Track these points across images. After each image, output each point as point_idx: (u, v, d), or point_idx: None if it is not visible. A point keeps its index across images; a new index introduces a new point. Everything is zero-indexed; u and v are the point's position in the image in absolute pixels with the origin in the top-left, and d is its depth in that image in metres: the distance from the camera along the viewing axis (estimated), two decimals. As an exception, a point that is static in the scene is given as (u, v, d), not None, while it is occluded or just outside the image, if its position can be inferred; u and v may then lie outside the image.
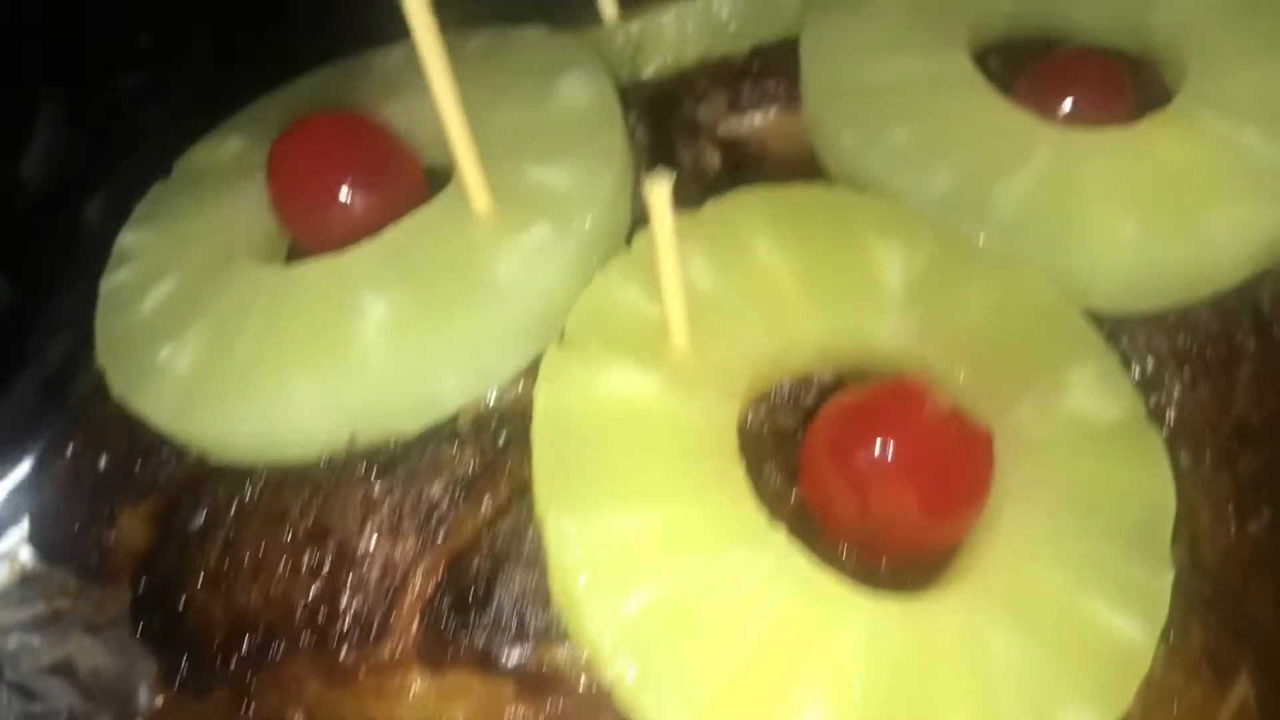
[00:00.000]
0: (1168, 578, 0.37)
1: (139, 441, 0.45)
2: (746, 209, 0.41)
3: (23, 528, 0.59)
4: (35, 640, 0.60)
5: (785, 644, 0.33)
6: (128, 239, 0.47)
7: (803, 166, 0.47)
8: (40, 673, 0.59)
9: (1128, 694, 0.36)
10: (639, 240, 0.40)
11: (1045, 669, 0.35)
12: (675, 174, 0.34)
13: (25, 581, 0.60)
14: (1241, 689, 0.41)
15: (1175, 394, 0.43)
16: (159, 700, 0.60)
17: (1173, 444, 0.42)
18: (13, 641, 0.59)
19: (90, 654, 0.61)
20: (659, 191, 0.33)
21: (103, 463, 0.46)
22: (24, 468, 0.63)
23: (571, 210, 0.40)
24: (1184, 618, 0.40)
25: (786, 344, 0.39)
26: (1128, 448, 0.39)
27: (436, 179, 0.44)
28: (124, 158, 1.00)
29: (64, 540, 0.47)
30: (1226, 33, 0.45)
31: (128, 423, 0.45)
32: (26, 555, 0.60)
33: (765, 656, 0.33)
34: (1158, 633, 0.37)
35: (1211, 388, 0.43)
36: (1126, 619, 0.36)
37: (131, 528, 0.45)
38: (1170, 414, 0.43)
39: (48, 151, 1.02)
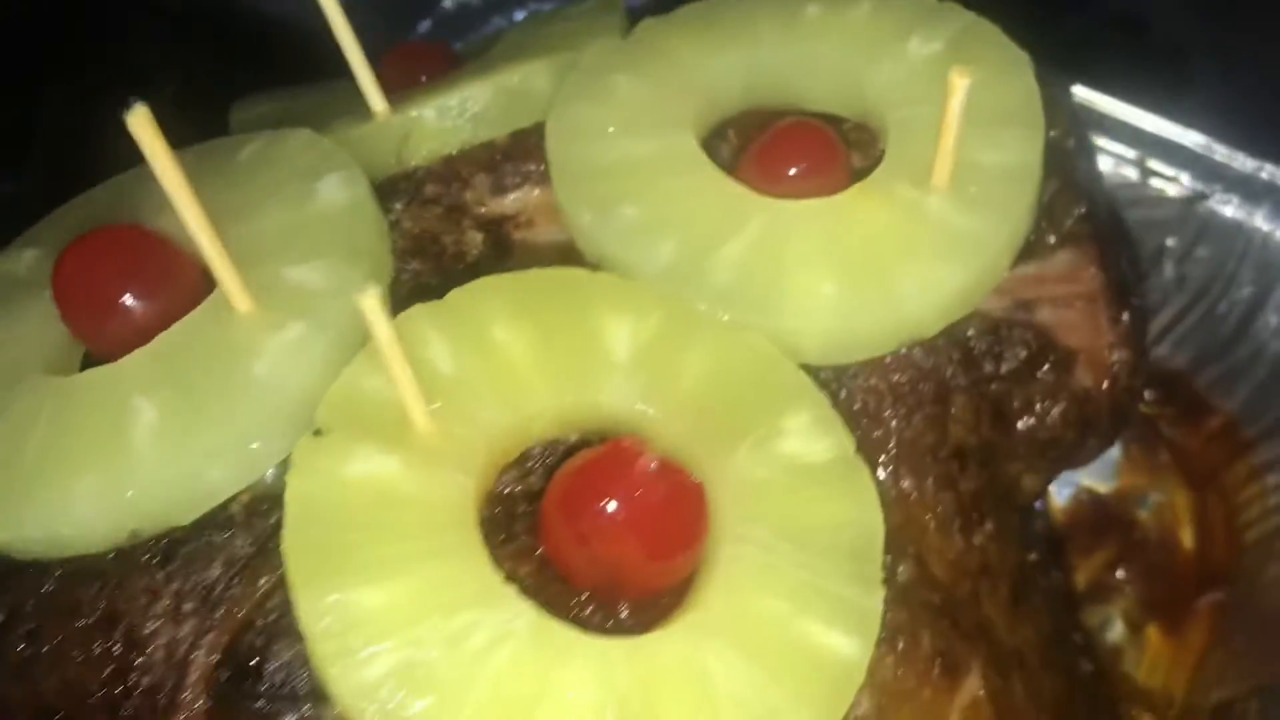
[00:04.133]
0: (879, 595, 0.42)
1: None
2: (486, 295, 0.45)
3: None
4: None
5: (519, 688, 0.37)
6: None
7: (562, 245, 0.52)
8: None
9: (844, 705, 0.40)
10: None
11: (765, 689, 0.39)
12: (386, 287, 0.38)
13: None
14: (972, 685, 0.46)
15: (894, 426, 0.48)
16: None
17: (897, 472, 0.47)
18: None
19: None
20: (369, 302, 0.37)
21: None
22: None
23: (326, 307, 0.44)
24: (913, 627, 0.45)
25: (524, 417, 0.43)
26: (839, 483, 0.44)
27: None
28: None
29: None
30: (918, 107, 0.50)
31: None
32: None
33: (501, 702, 0.37)
34: (871, 646, 0.41)
35: (927, 418, 0.48)
36: (841, 636, 0.41)
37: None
38: (891, 445, 0.47)
39: None
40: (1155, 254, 0.73)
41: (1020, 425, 0.50)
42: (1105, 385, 0.51)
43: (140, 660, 0.41)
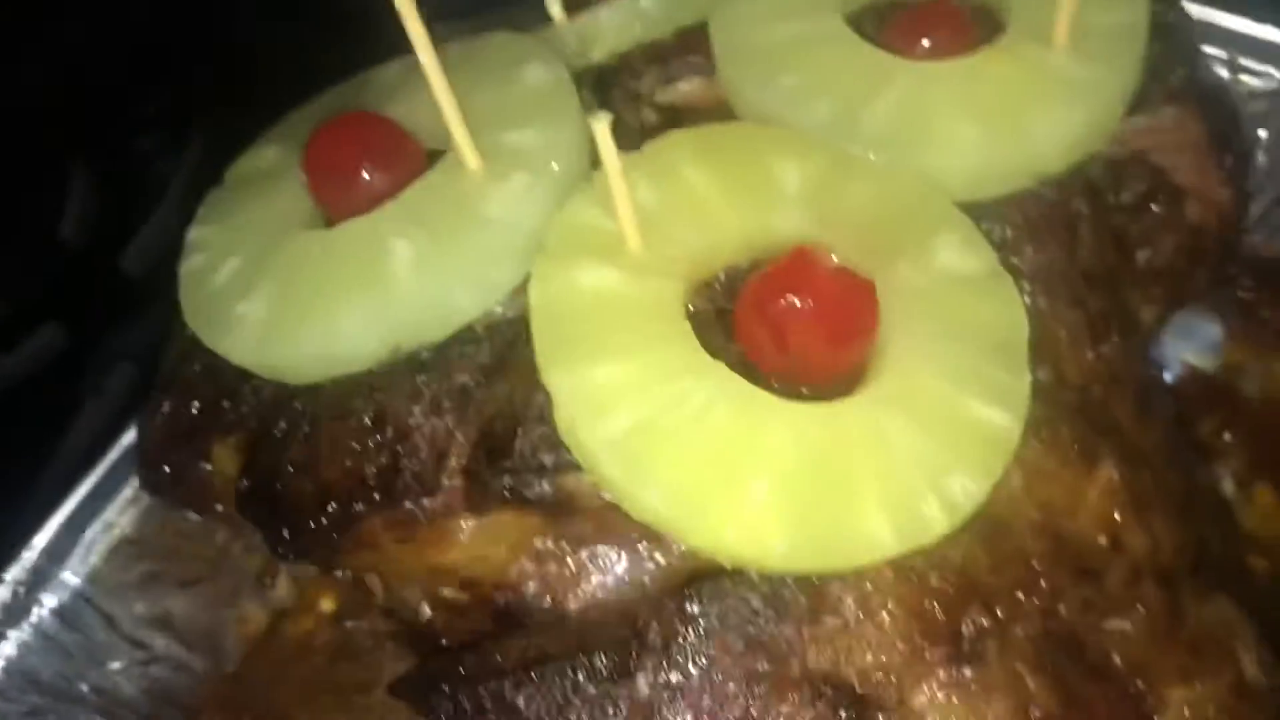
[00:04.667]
0: (1026, 380, 0.49)
1: (222, 388, 0.57)
2: (676, 145, 0.53)
3: (118, 503, 0.70)
4: (139, 598, 0.71)
5: (733, 440, 0.45)
6: (195, 234, 0.59)
7: (723, 119, 0.60)
8: (145, 625, 0.71)
9: (998, 468, 0.47)
10: (594, 177, 0.52)
11: (933, 451, 0.47)
12: (614, 117, 0.46)
13: (125, 546, 0.71)
14: (1106, 471, 0.52)
15: (1029, 251, 0.54)
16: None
17: (1033, 292, 0.54)
18: (121, 601, 0.70)
19: (184, 608, 0.73)
20: (601, 125, 0.45)
21: (194, 410, 0.58)
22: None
23: (542, 160, 0.53)
24: (1054, 421, 0.52)
25: (714, 240, 0.51)
26: (987, 290, 0.51)
27: (435, 159, 0.56)
28: (151, 210, 1.14)
29: (169, 480, 0.59)
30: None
31: (212, 375, 0.57)
32: (126, 522, 0.71)
33: (719, 451, 0.45)
34: (1021, 421, 0.48)
35: (1058, 244, 0.55)
36: (996, 410, 0.48)
37: (222, 458, 0.57)
38: (1027, 268, 0.54)
39: (81, 213, 1.16)
40: (1249, 147, 0.78)
41: (1139, 254, 0.57)
42: (1213, 220, 0.58)
43: (406, 447, 0.50)
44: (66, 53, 1.27)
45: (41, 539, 0.68)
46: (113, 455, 0.70)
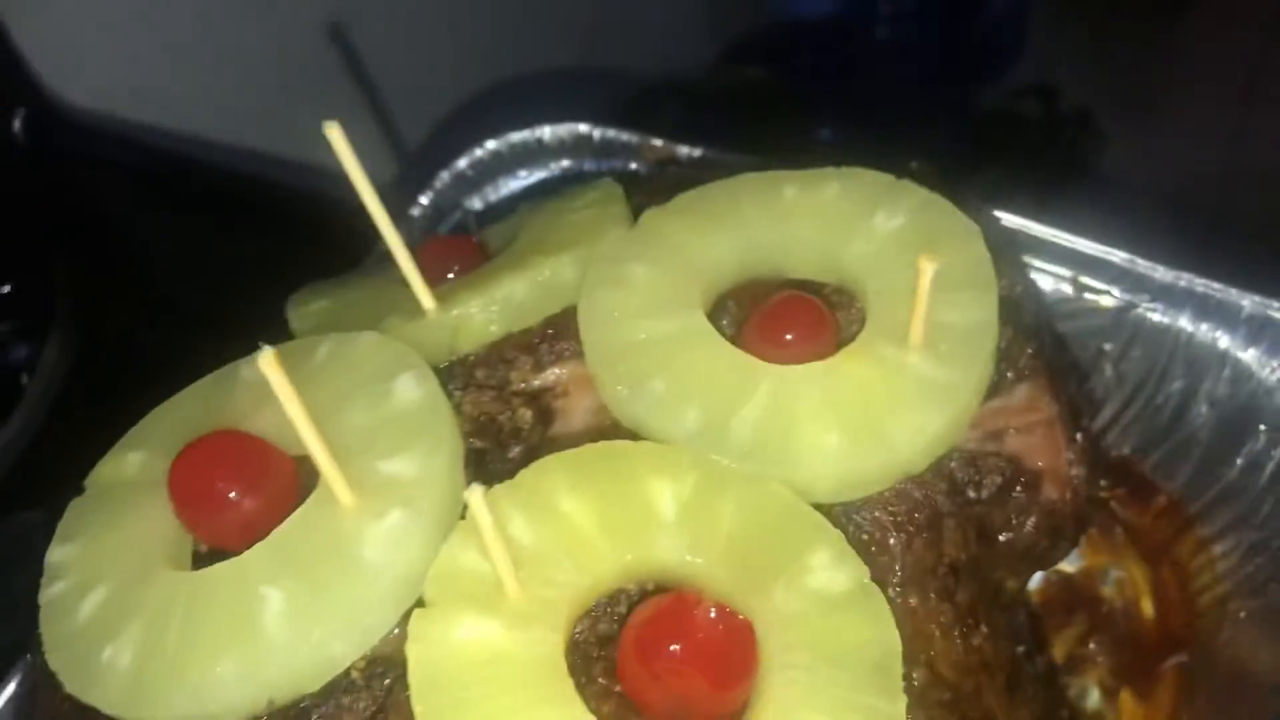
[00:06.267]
0: (901, 704, 0.50)
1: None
2: (550, 472, 0.53)
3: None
4: None
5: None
6: (57, 554, 0.57)
7: (595, 408, 0.61)
8: None
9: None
10: (470, 515, 0.52)
11: None
12: (487, 484, 0.46)
13: None
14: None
15: (896, 551, 0.56)
16: None
17: (903, 591, 0.55)
18: None
19: None
20: (475, 498, 0.46)
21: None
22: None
23: (417, 494, 0.52)
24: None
25: (594, 575, 0.51)
26: (859, 608, 0.52)
27: (307, 465, 0.56)
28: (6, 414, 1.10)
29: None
30: (889, 276, 0.60)
31: (80, 712, 0.55)
32: None
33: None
34: (898, 743, 0.50)
35: (924, 542, 0.57)
36: (878, 738, 0.49)
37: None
38: (897, 568, 0.56)
39: None
40: (1095, 357, 0.82)
41: (1001, 539, 0.59)
42: (1068, 496, 0.60)
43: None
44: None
45: None
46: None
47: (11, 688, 0.66)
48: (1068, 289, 0.82)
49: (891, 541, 0.56)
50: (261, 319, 0.68)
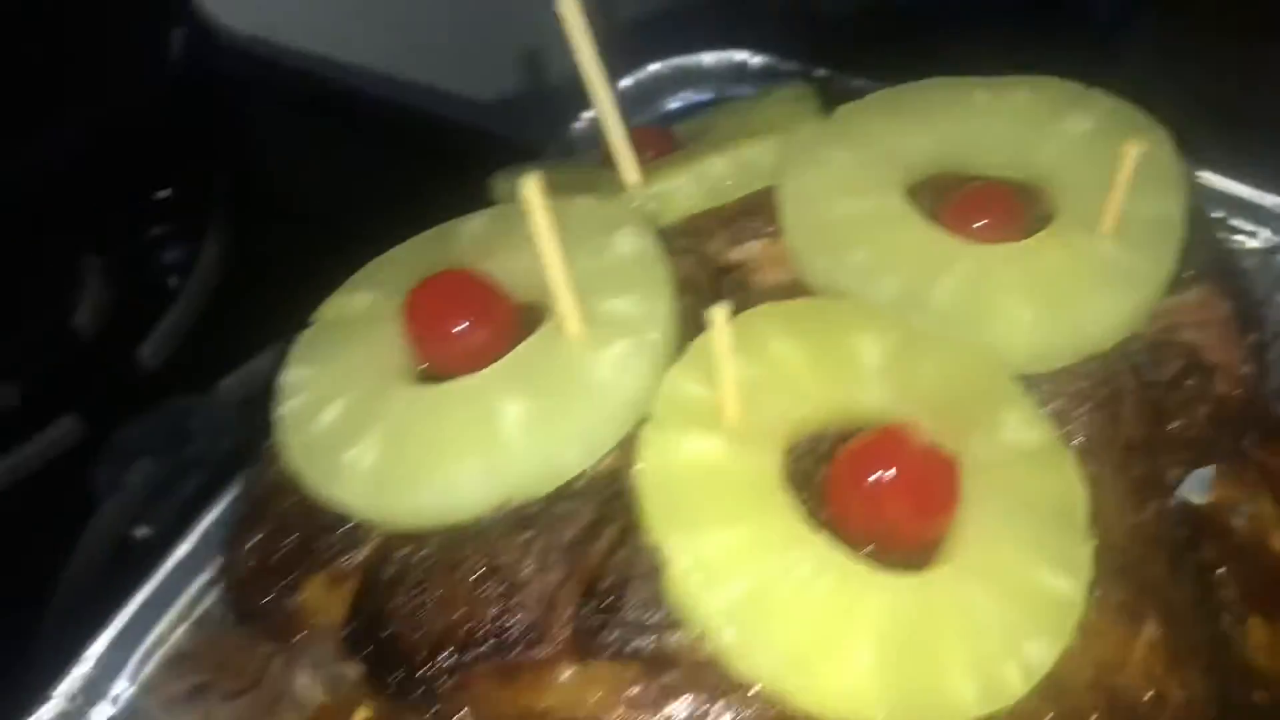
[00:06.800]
0: (1088, 548, 0.54)
1: (317, 526, 0.60)
2: (763, 319, 0.57)
3: (170, 617, 0.72)
4: (187, 710, 0.73)
5: (836, 610, 0.49)
6: (290, 376, 0.62)
7: (787, 285, 0.64)
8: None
9: (1068, 632, 0.52)
10: (692, 347, 0.56)
11: (1012, 618, 0.51)
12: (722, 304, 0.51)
13: (176, 659, 0.72)
14: (1149, 630, 0.57)
15: (1080, 424, 0.60)
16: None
17: (1083, 460, 0.59)
18: (171, 712, 0.72)
19: (229, 718, 0.74)
20: (718, 316, 0.50)
21: (287, 544, 0.61)
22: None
23: (641, 329, 0.57)
24: (1103, 582, 0.56)
25: (804, 412, 0.55)
26: (1049, 463, 0.56)
27: (527, 313, 0.60)
28: (166, 306, 1.18)
29: (258, 610, 0.62)
30: (1081, 173, 0.63)
31: (306, 512, 0.60)
32: (177, 636, 0.72)
33: (824, 619, 0.49)
34: (1084, 588, 0.53)
35: (1105, 416, 0.60)
36: (1063, 579, 0.52)
37: (314, 594, 0.60)
38: (1078, 439, 0.59)
39: (95, 304, 1.19)
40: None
41: (1172, 426, 0.62)
42: (1238, 392, 0.63)
43: (515, 600, 0.53)
44: (80, 142, 1.30)
45: (95, 650, 0.70)
46: (167, 566, 0.72)
47: (214, 514, 0.71)
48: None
49: (1075, 412, 0.59)
50: (394, 231, 0.71)
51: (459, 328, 0.59)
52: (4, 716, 0.68)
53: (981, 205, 0.62)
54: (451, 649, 0.53)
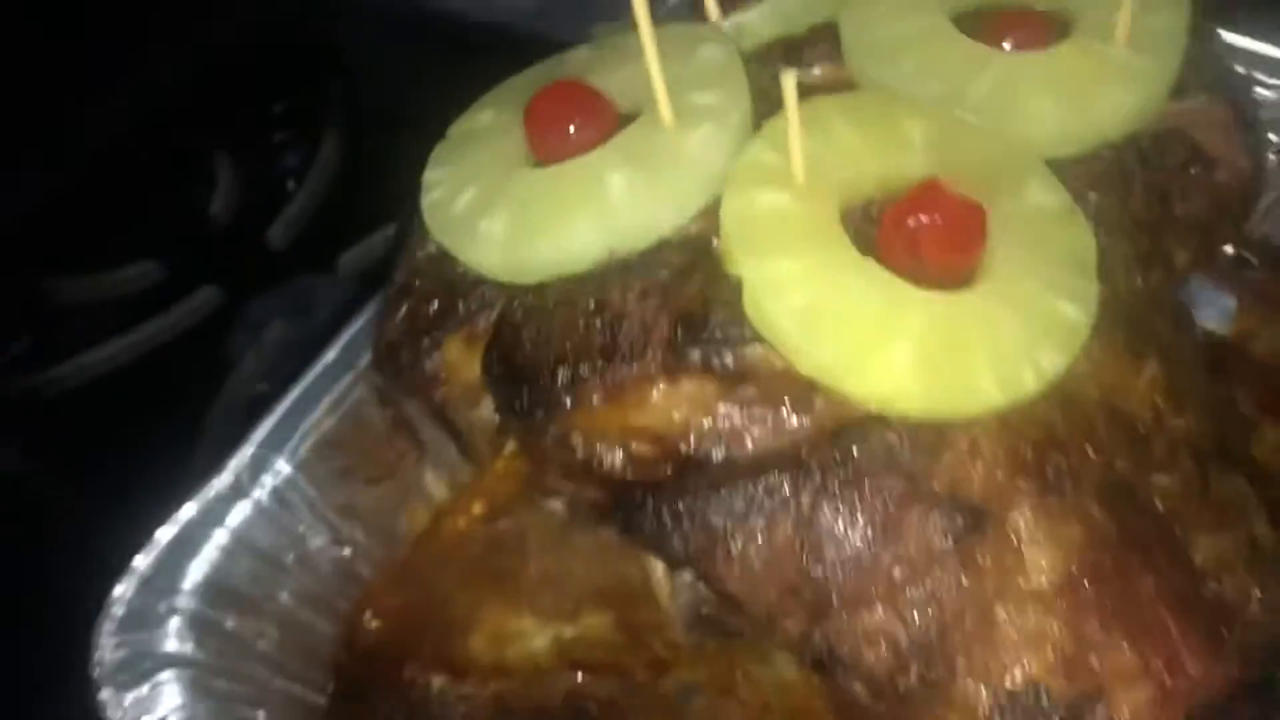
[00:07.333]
0: (1095, 286, 0.65)
1: (455, 293, 0.72)
2: (826, 104, 0.69)
3: (322, 407, 0.85)
4: (335, 489, 0.85)
5: (882, 315, 0.60)
6: (431, 175, 0.75)
7: (849, 96, 0.76)
8: (338, 512, 0.86)
9: (1074, 350, 0.62)
10: (765, 127, 0.68)
11: (1028, 332, 0.61)
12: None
13: (326, 444, 0.85)
14: (1151, 367, 0.67)
15: (1093, 199, 0.70)
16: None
17: (1095, 229, 0.69)
18: (321, 489, 0.85)
19: (368, 501, 0.87)
20: (789, 79, 0.62)
21: (430, 309, 0.73)
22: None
23: (724, 114, 0.68)
24: (1109, 325, 0.67)
25: (859, 176, 0.67)
26: (1065, 220, 0.66)
27: (623, 121, 0.72)
28: (291, 195, 1.33)
29: (404, 365, 0.75)
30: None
31: (444, 284, 0.73)
32: (328, 423, 0.85)
33: (872, 322, 0.60)
34: (1091, 318, 0.63)
35: (1115, 194, 0.71)
36: (1072, 307, 0.63)
37: (454, 350, 0.73)
38: (1091, 211, 0.70)
39: (228, 195, 1.35)
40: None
41: (1177, 209, 0.73)
42: (1237, 181, 0.74)
43: (619, 326, 0.65)
44: (214, 56, 1.46)
45: (258, 435, 0.83)
46: (316, 370, 0.85)
47: (359, 323, 0.84)
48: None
49: (1088, 189, 0.70)
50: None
51: (571, 126, 0.71)
52: (179, 495, 0.80)
53: (1013, 24, 0.74)
54: (565, 368, 0.65)
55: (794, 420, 0.63)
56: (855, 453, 0.61)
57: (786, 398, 0.63)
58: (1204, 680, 0.60)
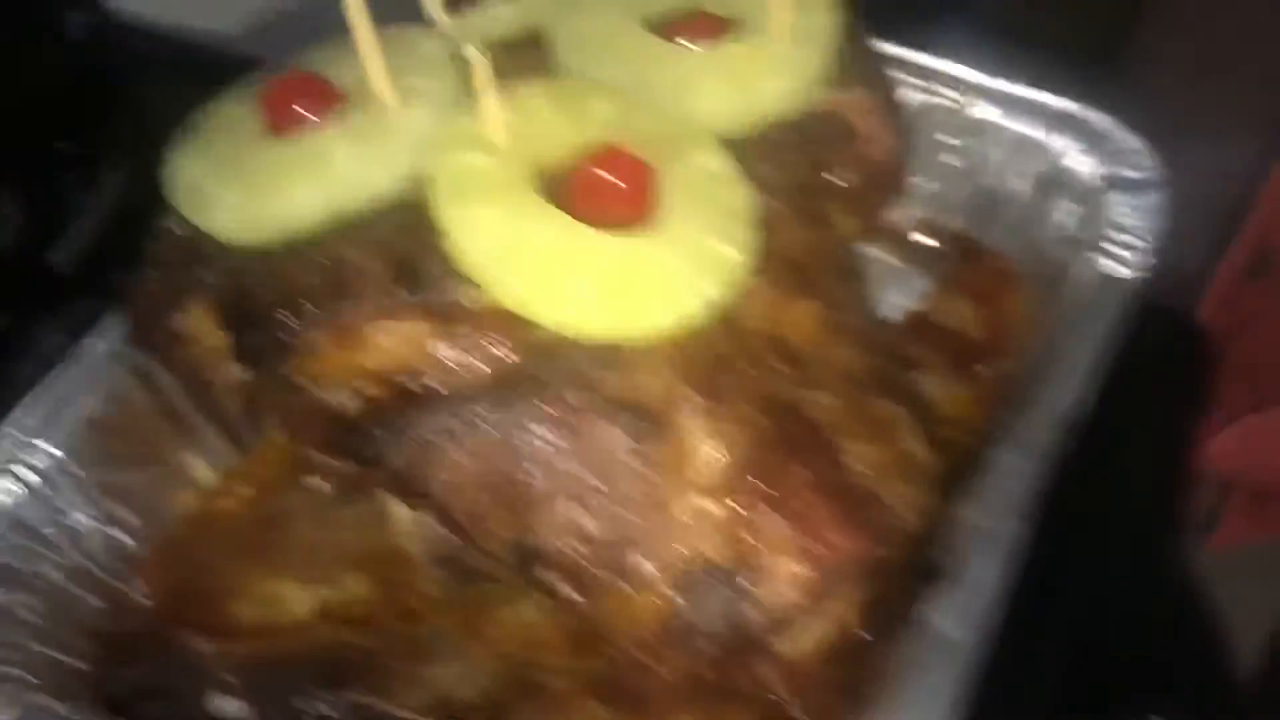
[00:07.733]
0: (751, 233, 0.76)
1: (195, 262, 0.79)
2: (528, 89, 0.79)
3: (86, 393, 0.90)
4: (105, 471, 0.89)
5: (570, 252, 0.69)
6: (175, 154, 0.82)
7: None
8: (107, 493, 0.89)
9: (735, 283, 0.74)
10: (470, 105, 0.78)
11: (695, 269, 0.72)
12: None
13: (94, 427, 0.90)
14: (810, 304, 0.79)
15: (757, 168, 0.82)
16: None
17: (760, 192, 0.81)
18: (90, 470, 0.89)
19: (137, 483, 0.92)
20: (480, 60, 0.72)
21: (172, 281, 0.80)
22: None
23: (436, 95, 0.78)
24: (775, 270, 0.79)
25: (553, 144, 0.77)
26: (727, 180, 0.77)
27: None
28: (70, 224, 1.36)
29: (156, 335, 0.81)
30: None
31: (186, 256, 0.80)
32: (94, 408, 0.90)
33: (561, 258, 0.70)
34: (748, 257, 0.75)
35: (776, 164, 0.83)
36: (732, 250, 0.74)
37: (197, 314, 0.80)
38: (756, 178, 0.81)
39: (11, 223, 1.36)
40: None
41: (836, 177, 0.86)
42: (889, 158, 0.87)
43: (341, 274, 0.73)
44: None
45: (26, 416, 0.87)
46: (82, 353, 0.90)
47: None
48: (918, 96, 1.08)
49: (753, 160, 0.81)
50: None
51: (299, 105, 0.79)
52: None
53: (691, 25, 0.86)
54: (291, 314, 0.73)
55: (498, 350, 0.72)
56: (545, 370, 0.70)
57: (491, 330, 0.72)
58: (845, 551, 0.71)
